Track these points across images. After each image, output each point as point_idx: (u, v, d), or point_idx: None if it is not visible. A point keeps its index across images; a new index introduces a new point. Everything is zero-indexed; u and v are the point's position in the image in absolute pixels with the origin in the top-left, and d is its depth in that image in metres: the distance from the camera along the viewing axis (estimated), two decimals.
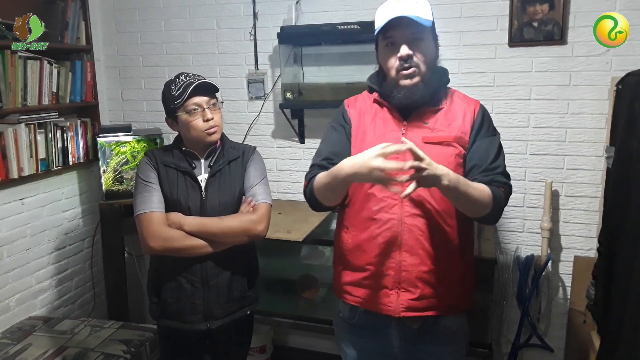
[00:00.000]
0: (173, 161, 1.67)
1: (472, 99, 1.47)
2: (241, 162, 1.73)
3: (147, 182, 1.65)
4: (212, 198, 1.67)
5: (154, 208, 1.62)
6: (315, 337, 2.71)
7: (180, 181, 1.66)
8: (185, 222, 1.61)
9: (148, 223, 1.60)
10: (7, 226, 2.35)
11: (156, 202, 1.63)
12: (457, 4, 2.28)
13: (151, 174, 1.66)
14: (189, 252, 1.62)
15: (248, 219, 1.65)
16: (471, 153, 1.40)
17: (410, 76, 1.35)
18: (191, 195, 1.66)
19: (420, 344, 1.45)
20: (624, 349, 1.41)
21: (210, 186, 1.67)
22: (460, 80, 2.30)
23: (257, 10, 2.58)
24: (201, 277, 1.67)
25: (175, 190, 1.65)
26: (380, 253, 1.41)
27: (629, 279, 1.39)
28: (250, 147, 1.81)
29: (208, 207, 1.66)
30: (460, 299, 1.46)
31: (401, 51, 1.34)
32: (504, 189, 1.38)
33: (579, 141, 2.25)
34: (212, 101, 1.65)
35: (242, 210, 1.69)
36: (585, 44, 2.16)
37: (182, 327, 1.70)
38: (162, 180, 1.66)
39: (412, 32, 1.34)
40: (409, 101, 1.37)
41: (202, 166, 1.70)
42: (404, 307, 1.40)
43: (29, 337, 2.22)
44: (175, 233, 1.60)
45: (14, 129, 2.27)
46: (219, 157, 1.71)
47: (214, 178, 1.68)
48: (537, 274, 2.33)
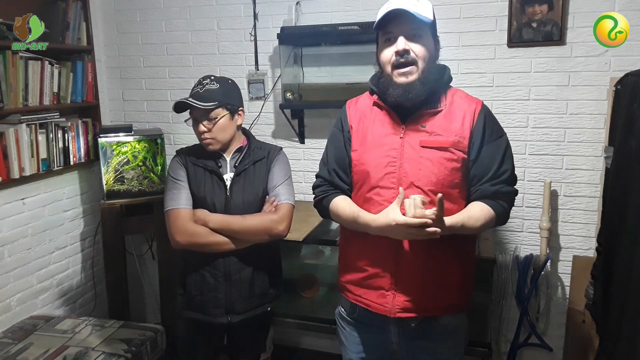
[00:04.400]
0: (201, 160, 1.75)
1: (474, 98, 1.45)
2: (266, 162, 1.79)
3: (176, 179, 1.74)
4: (237, 197, 1.73)
5: (182, 205, 1.70)
6: (316, 337, 2.72)
7: (207, 179, 1.74)
8: (210, 219, 1.69)
9: (176, 218, 1.69)
10: (8, 226, 2.35)
11: (184, 199, 1.72)
12: (456, 5, 2.29)
13: (180, 172, 1.75)
14: (212, 248, 1.70)
15: (270, 218, 1.71)
16: (477, 162, 1.39)
17: (407, 74, 1.35)
18: (217, 193, 1.73)
19: (418, 340, 1.47)
20: (623, 348, 1.42)
21: (235, 185, 1.74)
22: (459, 81, 2.30)
23: (258, 11, 2.59)
24: (224, 272, 1.74)
25: (202, 188, 1.73)
26: (378, 255, 1.42)
27: (628, 279, 1.40)
28: (276, 147, 1.85)
29: (232, 205, 1.73)
30: (458, 300, 1.46)
31: (397, 44, 1.34)
32: (507, 200, 1.41)
33: (577, 141, 2.26)
34: (207, 115, 1.70)
35: (265, 209, 1.75)
36: (584, 44, 2.17)
37: (204, 319, 1.78)
38: (191, 178, 1.75)
39: (411, 27, 1.33)
40: (403, 99, 1.36)
41: (227, 165, 1.77)
42: (400, 308, 1.41)
43: (30, 337, 2.22)
44: (200, 229, 1.69)
45: (15, 129, 2.27)
46: (245, 157, 1.77)
47: (238, 177, 1.75)
48: (536, 273, 2.33)
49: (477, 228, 1.36)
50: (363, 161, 1.44)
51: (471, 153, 1.39)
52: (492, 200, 1.38)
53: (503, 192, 1.39)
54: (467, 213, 1.35)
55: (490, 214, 1.37)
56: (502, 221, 1.43)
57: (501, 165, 1.39)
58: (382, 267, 1.42)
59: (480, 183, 1.39)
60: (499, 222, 1.42)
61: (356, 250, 1.48)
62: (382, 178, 1.39)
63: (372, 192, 1.41)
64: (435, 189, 1.34)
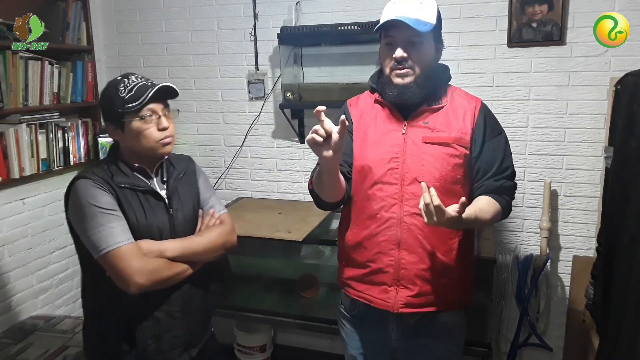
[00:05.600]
0: (126, 180, 1.41)
1: (473, 96, 1.48)
2: (190, 174, 1.58)
3: (106, 209, 1.35)
4: (179, 215, 1.48)
5: (125, 240, 1.35)
6: (315, 336, 2.72)
7: (144, 203, 1.42)
8: (166, 247, 1.40)
9: (126, 258, 1.33)
10: (8, 226, 2.35)
11: (124, 233, 1.36)
12: (456, 5, 2.29)
13: (108, 199, 1.36)
14: (174, 280, 1.42)
15: (223, 231, 1.53)
16: (480, 158, 1.42)
17: (403, 75, 1.37)
18: (159, 216, 1.44)
19: (417, 337, 1.48)
20: (622, 348, 1.42)
21: (173, 203, 1.48)
22: (459, 81, 2.30)
23: (258, 11, 2.59)
24: (181, 305, 1.48)
25: (142, 214, 1.41)
26: (380, 251, 1.43)
27: (628, 278, 1.40)
28: (186, 156, 1.63)
29: (176, 225, 1.47)
30: (459, 295, 1.49)
31: (396, 53, 1.36)
32: (509, 194, 1.45)
33: (577, 141, 2.26)
34: (167, 108, 1.45)
35: (208, 223, 1.54)
36: (584, 44, 2.17)
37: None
38: (124, 204, 1.38)
39: (410, 34, 1.35)
40: (398, 100, 1.39)
41: (155, 183, 1.48)
42: (403, 303, 1.43)
43: (30, 337, 2.22)
44: (159, 262, 1.38)
45: (15, 129, 2.27)
46: (169, 170, 1.52)
47: (174, 194, 1.49)
48: (536, 273, 2.33)
49: (487, 221, 1.38)
50: (364, 157, 1.45)
51: (473, 149, 1.41)
52: (496, 195, 1.41)
53: (506, 187, 1.43)
54: (478, 206, 1.35)
55: (497, 208, 1.40)
56: (505, 214, 1.46)
57: (503, 161, 1.43)
58: (385, 262, 1.43)
59: (484, 178, 1.42)
60: (503, 216, 1.45)
61: (358, 246, 1.48)
62: (385, 174, 1.41)
63: (374, 188, 1.42)
64: (438, 185, 1.35)
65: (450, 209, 1.21)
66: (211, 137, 2.82)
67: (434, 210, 1.20)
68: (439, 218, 1.21)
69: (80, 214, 1.35)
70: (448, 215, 1.21)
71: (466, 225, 1.31)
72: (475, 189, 1.44)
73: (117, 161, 1.43)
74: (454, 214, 1.21)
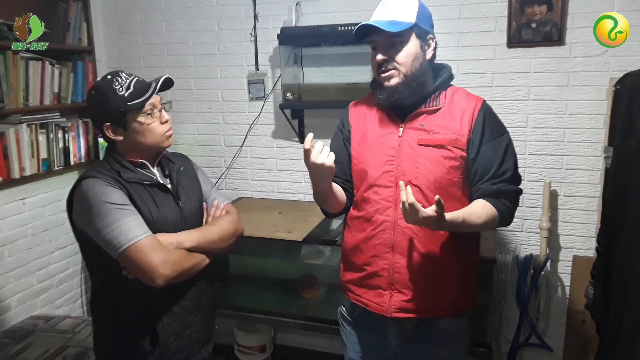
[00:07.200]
0: (135, 175, 1.40)
1: (475, 97, 1.44)
2: (189, 169, 1.58)
3: (120, 205, 1.32)
4: (187, 207, 1.49)
5: (144, 233, 1.33)
6: (315, 336, 2.72)
7: (155, 197, 1.41)
8: (184, 238, 1.40)
9: (150, 251, 1.31)
10: (8, 226, 2.36)
11: (143, 225, 1.34)
12: (455, 5, 2.29)
13: (120, 195, 1.34)
14: (194, 270, 1.42)
15: (232, 219, 1.55)
16: (477, 161, 1.38)
17: (388, 78, 1.37)
18: (171, 208, 1.44)
19: (416, 343, 1.46)
20: (623, 348, 1.42)
21: (181, 195, 1.48)
22: (459, 81, 2.26)
23: (258, 11, 2.59)
24: (196, 299, 1.48)
25: (156, 208, 1.40)
26: (376, 254, 1.43)
27: (628, 278, 1.40)
28: (180, 153, 1.63)
29: (186, 217, 1.47)
30: (459, 301, 1.45)
31: (377, 57, 1.37)
32: (510, 199, 1.40)
33: (577, 141, 2.26)
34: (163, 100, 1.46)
35: (214, 214, 1.56)
36: (583, 44, 2.17)
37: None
38: (136, 200, 1.37)
39: (389, 35, 1.34)
40: (387, 102, 1.39)
41: (158, 176, 1.47)
42: (396, 307, 1.41)
43: (30, 337, 2.22)
44: (180, 254, 1.37)
45: (15, 129, 2.28)
46: (169, 165, 1.52)
47: (179, 185, 1.49)
48: (536, 273, 2.34)
49: (479, 225, 1.34)
50: (362, 159, 1.45)
51: (471, 151, 1.38)
52: (494, 199, 1.37)
53: (505, 191, 1.38)
54: (468, 209, 1.34)
55: (492, 212, 1.36)
56: (506, 221, 1.41)
57: (502, 164, 1.38)
58: (380, 266, 1.42)
59: (481, 182, 1.38)
60: (503, 222, 1.40)
61: (356, 249, 1.48)
62: (380, 177, 1.40)
63: (369, 191, 1.42)
64: (433, 188, 1.35)
65: (429, 209, 1.20)
66: (211, 137, 2.82)
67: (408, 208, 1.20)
68: (414, 217, 1.21)
69: (92, 214, 1.31)
70: (423, 214, 1.20)
71: (452, 227, 1.28)
72: (472, 192, 1.41)
73: (118, 158, 1.41)
74: (430, 214, 1.19)
